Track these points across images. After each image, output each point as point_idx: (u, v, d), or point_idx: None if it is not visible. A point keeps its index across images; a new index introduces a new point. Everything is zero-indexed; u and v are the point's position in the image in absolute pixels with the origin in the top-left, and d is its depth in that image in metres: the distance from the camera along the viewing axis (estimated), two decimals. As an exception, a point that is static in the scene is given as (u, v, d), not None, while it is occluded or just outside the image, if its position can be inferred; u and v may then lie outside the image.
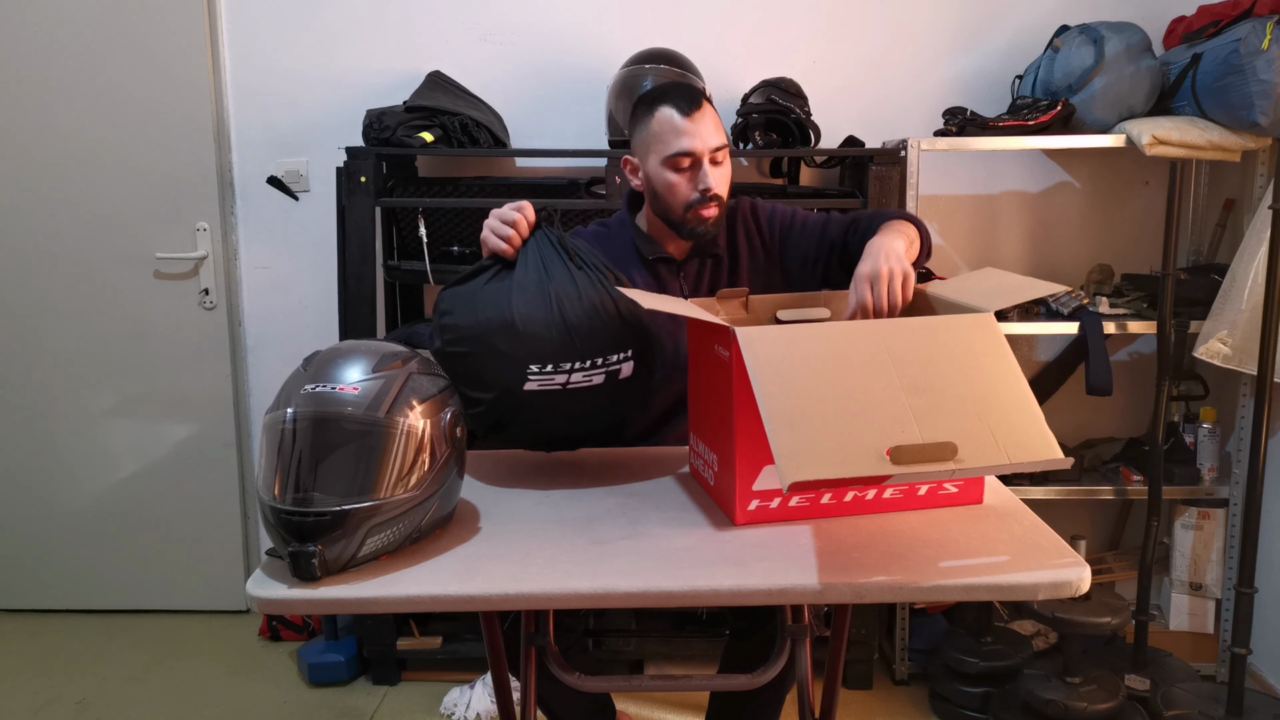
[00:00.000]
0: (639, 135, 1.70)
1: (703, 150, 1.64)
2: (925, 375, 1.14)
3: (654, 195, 1.70)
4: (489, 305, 1.38)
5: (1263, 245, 2.19)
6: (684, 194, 1.66)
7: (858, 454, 1.05)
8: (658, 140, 1.65)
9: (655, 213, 1.73)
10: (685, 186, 1.66)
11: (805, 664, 1.40)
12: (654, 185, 1.69)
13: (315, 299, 2.79)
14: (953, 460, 1.06)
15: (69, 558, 2.92)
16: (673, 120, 1.64)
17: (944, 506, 1.30)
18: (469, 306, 1.40)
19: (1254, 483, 2.23)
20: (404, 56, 2.68)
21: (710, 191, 1.65)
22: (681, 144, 1.63)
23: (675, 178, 1.65)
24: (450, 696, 2.42)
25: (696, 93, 1.67)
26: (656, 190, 1.69)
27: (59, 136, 2.73)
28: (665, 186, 1.67)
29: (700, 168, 1.64)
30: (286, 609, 1.14)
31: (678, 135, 1.63)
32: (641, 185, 1.73)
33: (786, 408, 1.08)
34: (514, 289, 1.39)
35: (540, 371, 1.36)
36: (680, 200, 1.66)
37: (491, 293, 1.40)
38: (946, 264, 2.72)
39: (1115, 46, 2.28)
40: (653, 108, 1.67)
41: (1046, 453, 1.09)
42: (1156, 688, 2.29)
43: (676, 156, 1.64)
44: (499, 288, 1.40)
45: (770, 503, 1.26)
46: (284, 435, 1.12)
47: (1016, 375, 1.17)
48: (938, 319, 1.25)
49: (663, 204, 1.69)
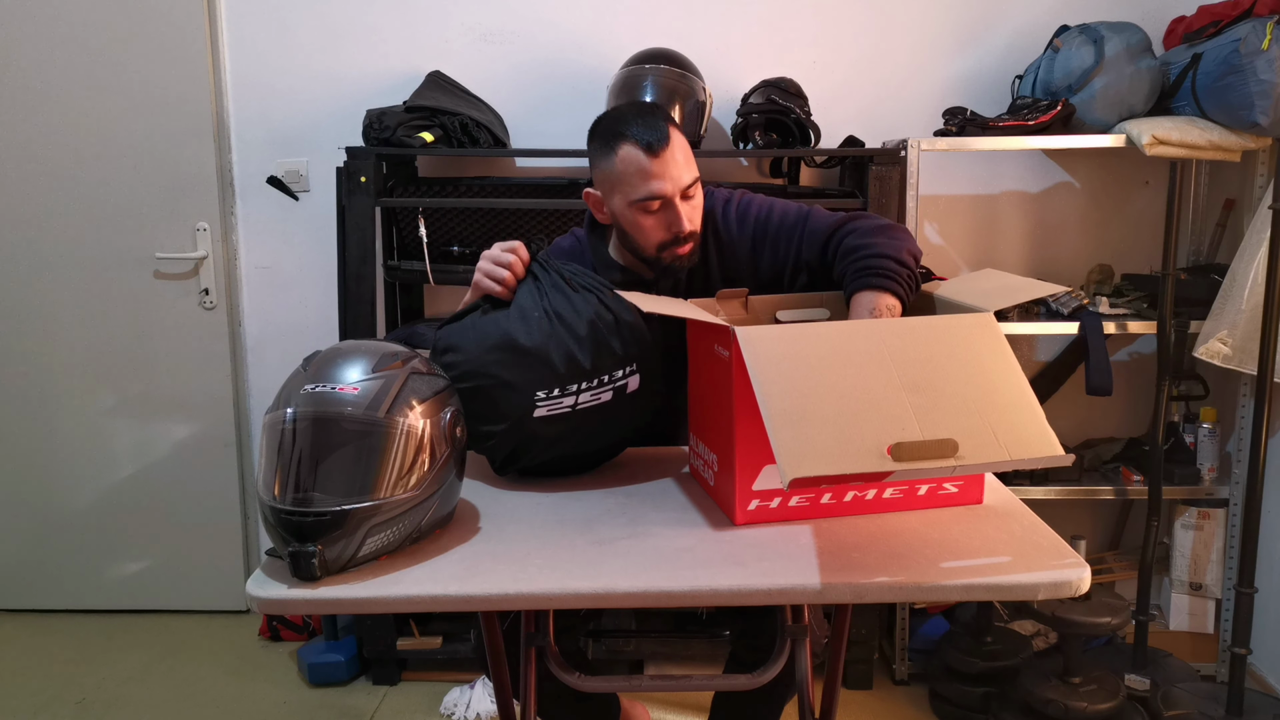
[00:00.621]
0: (601, 168, 1.55)
1: (673, 192, 1.51)
2: (925, 374, 1.14)
3: (622, 232, 1.59)
4: (489, 337, 1.38)
5: (1263, 245, 2.19)
6: (656, 236, 1.55)
7: (858, 451, 1.06)
8: (623, 181, 1.52)
9: (626, 248, 1.62)
10: (656, 229, 1.54)
11: (805, 664, 1.40)
12: (622, 224, 1.57)
13: (315, 299, 2.79)
14: (953, 457, 1.06)
15: (69, 558, 2.92)
16: (639, 161, 1.49)
17: (944, 506, 1.30)
18: (469, 341, 1.39)
19: (1254, 483, 2.23)
20: (404, 56, 2.68)
21: (684, 233, 1.53)
22: (650, 188, 1.50)
23: (645, 220, 1.53)
24: (450, 696, 2.42)
25: (661, 124, 1.51)
26: (625, 230, 1.58)
27: (59, 136, 2.73)
28: (634, 228, 1.55)
29: (672, 208, 1.52)
30: (286, 609, 1.14)
31: (645, 178, 1.50)
32: (607, 219, 1.61)
33: (787, 406, 1.09)
34: (513, 318, 1.39)
35: (548, 397, 1.36)
36: (652, 242, 1.55)
37: (490, 324, 1.40)
38: (946, 264, 2.72)
39: (1115, 46, 2.28)
40: (614, 144, 1.51)
41: (1047, 449, 1.09)
42: (1156, 688, 2.29)
43: (646, 201, 1.51)
44: (496, 318, 1.40)
45: (770, 503, 1.26)
46: (284, 435, 1.12)
47: (1017, 374, 1.17)
48: (938, 319, 1.25)
49: (633, 243, 1.58)
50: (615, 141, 1.52)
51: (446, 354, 1.41)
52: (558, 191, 2.50)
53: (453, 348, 1.40)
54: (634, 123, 1.51)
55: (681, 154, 1.52)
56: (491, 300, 1.45)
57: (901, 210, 2.35)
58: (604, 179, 1.56)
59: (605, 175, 1.55)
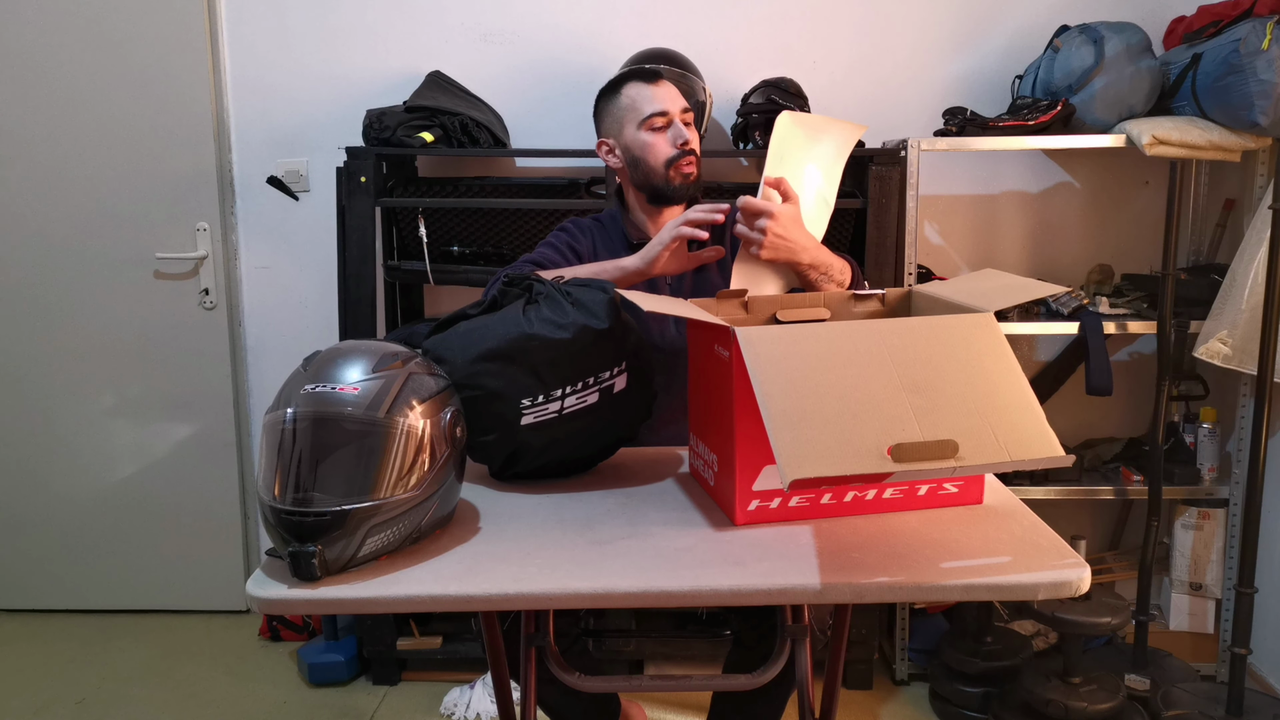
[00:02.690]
0: (610, 115, 1.81)
1: (673, 109, 1.77)
2: (926, 374, 1.14)
3: (635, 164, 1.79)
4: (472, 347, 1.37)
5: (1263, 245, 2.19)
6: (663, 151, 1.76)
7: (858, 452, 1.05)
8: (630, 109, 1.77)
9: (638, 186, 1.81)
10: (663, 144, 1.76)
11: (805, 664, 1.40)
12: (633, 152, 1.78)
13: (315, 299, 2.79)
14: (953, 458, 1.06)
15: (69, 558, 2.92)
16: (641, 89, 1.78)
17: (944, 506, 1.30)
18: (454, 352, 1.38)
19: (1254, 483, 2.23)
20: (404, 56, 2.68)
21: (687, 144, 1.76)
22: (654, 105, 1.76)
23: (652, 138, 1.76)
24: (450, 696, 2.42)
25: (656, 68, 1.83)
26: (636, 156, 1.78)
27: (59, 136, 2.73)
28: (643, 148, 1.77)
29: (674, 125, 1.77)
30: (286, 609, 1.14)
31: (649, 100, 1.77)
32: (620, 162, 1.81)
33: (787, 407, 1.08)
34: (494, 326, 1.38)
35: (534, 404, 1.36)
36: (660, 158, 1.76)
37: (473, 333, 1.39)
38: (946, 264, 2.72)
39: (1115, 46, 2.28)
40: (618, 87, 1.80)
41: (1047, 450, 1.09)
42: (1156, 688, 2.29)
43: (651, 117, 1.76)
44: (480, 326, 1.40)
45: (770, 503, 1.26)
46: (284, 435, 1.12)
47: (1017, 374, 1.17)
48: (938, 319, 1.25)
49: (644, 169, 1.78)
50: (619, 85, 1.81)
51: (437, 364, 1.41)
52: (558, 191, 2.50)
53: (439, 359, 1.40)
54: (632, 72, 1.82)
55: (675, 89, 1.80)
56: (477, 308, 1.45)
57: (901, 210, 2.35)
58: (613, 120, 1.81)
59: (614, 116, 1.81)
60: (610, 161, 1.83)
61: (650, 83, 1.78)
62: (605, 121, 1.83)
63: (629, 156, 1.79)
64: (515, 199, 2.42)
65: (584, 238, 1.83)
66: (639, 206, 1.84)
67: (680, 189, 1.78)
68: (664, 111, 1.75)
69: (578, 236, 1.83)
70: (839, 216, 2.42)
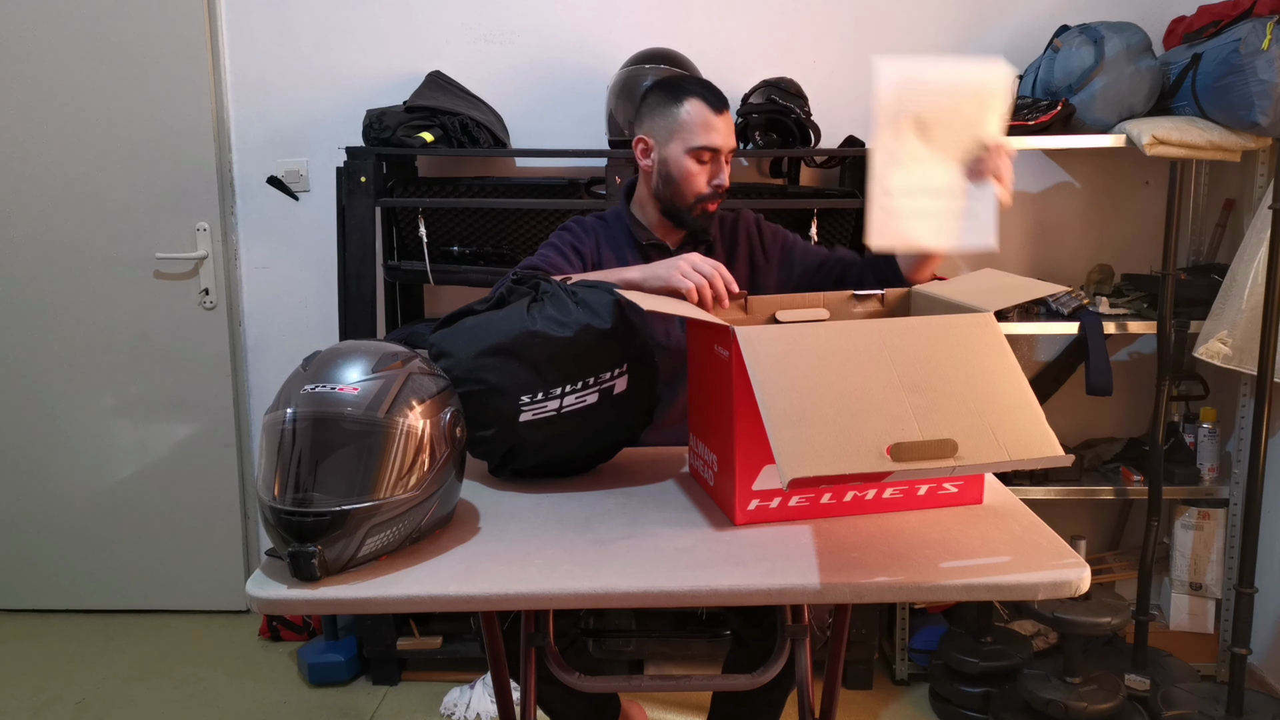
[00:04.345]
0: (661, 118, 1.74)
1: (725, 149, 1.73)
2: (925, 374, 1.14)
3: (666, 179, 1.75)
4: (477, 341, 1.38)
5: (1263, 245, 2.19)
6: (699, 185, 1.73)
7: (858, 451, 1.06)
8: (685, 129, 1.71)
9: (659, 197, 1.78)
10: (702, 179, 1.73)
11: (805, 664, 1.40)
12: (670, 170, 1.74)
13: (315, 299, 2.79)
14: (953, 457, 1.06)
15: (69, 557, 2.92)
16: (705, 114, 1.71)
17: (944, 506, 1.30)
18: (458, 346, 1.39)
19: (1254, 483, 2.23)
20: (404, 56, 2.68)
21: (722, 188, 1.74)
22: (711, 139, 1.71)
23: (696, 168, 1.72)
24: (450, 696, 2.42)
25: (723, 95, 1.75)
26: (672, 175, 1.74)
27: (59, 136, 2.73)
28: (683, 174, 1.73)
29: (719, 163, 1.73)
30: (286, 609, 1.14)
31: (708, 129, 1.70)
32: (650, 166, 1.77)
33: (786, 406, 1.09)
34: (500, 322, 1.39)
35: (532, 401, 1.36)
36: (694, 190, 1.74)
37: (479, 328, 1.40)
38: (946, 264, 2.71)
39: (1115, 46, 2.28)
40: (682, 96, 1.72)
41: (1047, 449, 1.09)
42: (1156, 688, 2.29)
43: (702, 149, 1.71)
44: (485, 322, 1.40)
45: (770, 503, 1.26)
46: (284, 435, 1.12)
47: (1017, 374, 1.17)
48: (938, 319, 1.25)
49: (673, 189, 1.75)
50: (683, 95, 1.72)
51: (439, 360, 1.41)
52: (558, 191, 2.50)
53: (443, 353, 1.40)
54: (700, 84, 1.75)
55: (731, 123, 1.76)
56: (484, 304, 1.45)
57: (901, 210, 2.34)
58: (663, 126, 1.74)
59: (665, 123, 1.73)
60: (641, 162, 1.79)
61: (715, 111, 1.71)
62: (653, 121, 1.76)
63: (663, 170, 1.75)
64: (515, 199, 2.42)
65: (588, 238, 1.82)
66: (651, 208, 1.82)
67: (697, 222, 1.77)
68: (716, 149, 1.72)
69: (581, 236, 1.82)
70: (838, 216, 2.42)
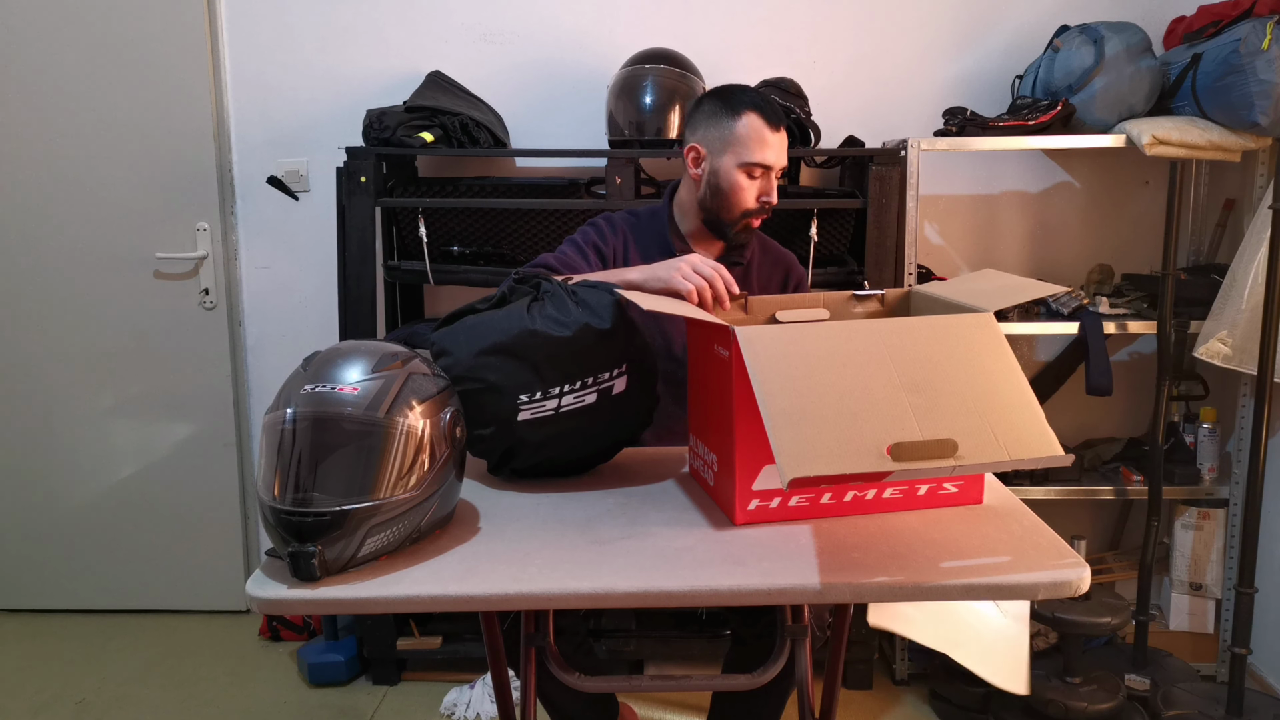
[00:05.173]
0: (714, 129, 1.74)
1: (777, 166, 1.74)
2: (925, 373, 1.14)
3: (715, 190, 1.75)
4: (477, 341, 1.38)
5: (1263, 245, 2.19)
6: (747, 201, 1.74)
7: (858, 451, 1.06)
8: (741, 143, 1.71)
9: (704, 207, 1.78)
10: (752, 194, 1.74)
11: (805, 664, 1.40)
12: (720, 182, 1.74)
13: (315, 299, 2.79)
14: (953, 457, 1.06)
15: (69, 558, 2.92)
16: (763, 130, 1.71)
17: (944, 506, 1.30)
18: (459, 345, 1.40)
19: (1254, 483, 2.23)
20: (404, 56, 2.68)
21: (770, 205, 1.75)
22: (766, 155, 1.71)
23: (746, 183, 1.73)
24: (450, 696, 2.42)
25: (781, 111, 1.76)
26: (721, 187, 1.74)
27: (59, 136, 2.73)
28: (733, 187, 1.73)
29: (769, 179, 1.74)
30: (286, 609, 1.14)
31: (763, 146, 1.71)
32: (700, 175, 1.77)
33: (786, 405, 1.09)
34: (500, 321, 1.39)
35: (531, 400, 1.36)
36: (742, 205, 1.74)
37: (479, 327, 1.40)
38: (946, 264, 2.72)
39: (1115, 46, 2.28)
40: (741, 109, 1.72)
41: (1047, 449, 1.09)
42: (1156, 688, 2.29)
43: (756, 165, 1.71)
44: (485, 321, 1.41)
45: (770, 503, 1.26)
46: (284, 435, 1.12)
47: (1016, 374, 1.17)
48: (938, 318, 1.25)
49: (721, 201, 1.75)
50: (741, 107, 1.72)
51: (439, 358, 1.41)
52: (558, 191, 2.49)
53: (444, 351, 1.41)
54: (759, 99, 1.74)
55: (785, 141, 1.76)
56: (485, 303, 1.45)
57: (901, 210, 2.35)
58: (717, 137, 1.74)
59: (719, 135, 1.73)
60: (691, 170, 1.78)
61: (772, 127, 1.71)
62: (707, 131, 1.75)
63: (713, 181, 1.75)
64: (515, 199, 2.42)
65: (613, 236, 1.81)
66: (693, 216, 1.82)
67: (740, 237, 1.79)
68: (769, 166, 1.72)
69: (606, 234, 1.81)
70: (838, 216, 2.42)
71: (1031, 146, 2.37)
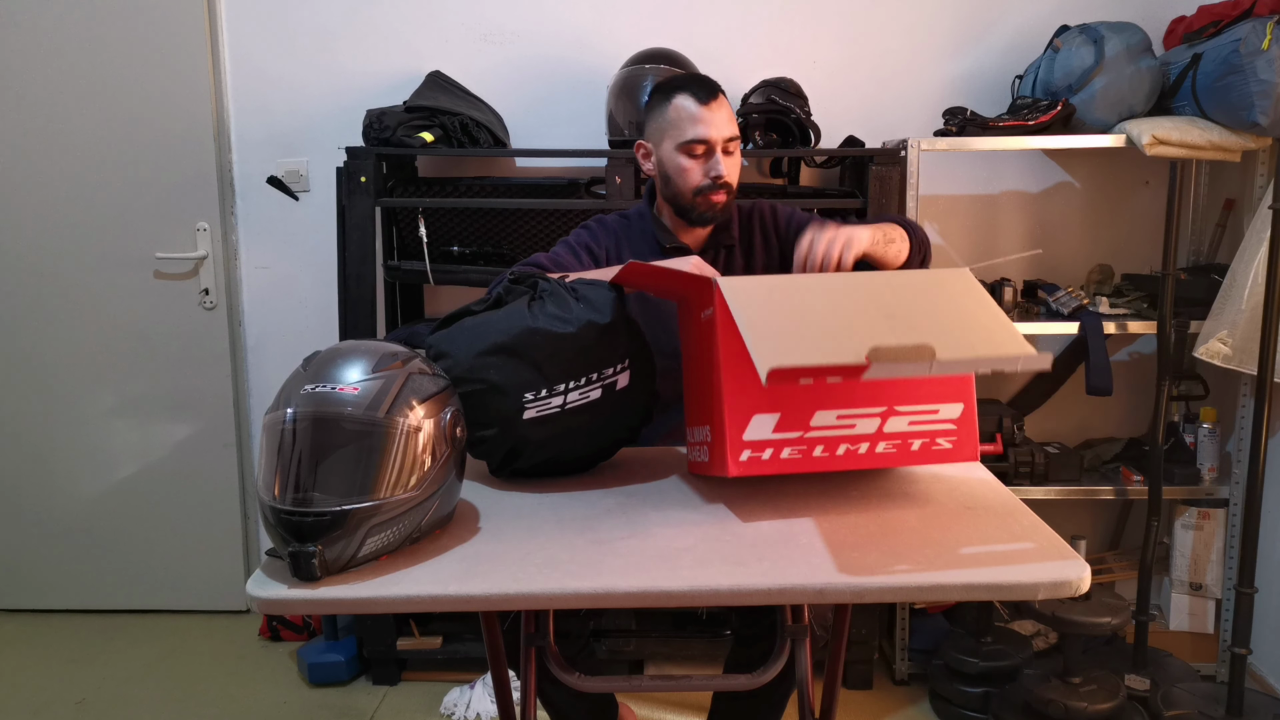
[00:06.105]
0: (654, 121, 1.75)
1: (716, 139, 1.69)
2: (904, 307, 1.20)
3: (665, 179, 1.76)
4: (478, 341, 1.38)
5: (1263, 245, 2.19)
6: (695, 179, 1.71)
7: (836, 351, 1.11)
8: (673, 126, 1.71)
9: (665, 198, 1.79)
10: (697, 172, 1.71)
11: (805, 664, 1.40)
12: (666, 169, 1.74)
13: (315, 299, 2.79)
14: (930, 360, 1.10)
15: (69, 558, 2.92)
16: (689, 108, 1.69)
17: (939, 462, 1.32)
18: (458, 347, 1.39)
19: (1254, 483, 2.23)
20: (404, 56, 2.68)
21: (720, 179, 1.71)
22: (697, 131, 1.69)
23: (688, 163, 1.71)
24: (450, 696, 2.42)
25: (714, 84, 1.73)
26: (668, 174, 1.74)
27: (59, 136, 2.73)
28: (677, 170, 1.72)
29: (713, 156, 1.70)
30: (286, 609, 1.13)
31: (694, 122, 1.69)
32: (653, 170, 1.79)
33: (767, 325, 1.14)
34: (500, 321, 1.39)
35: (536, 398, 1.36)
36: (690, 185, 1.72)
37: (479, 328, 1.40)
38: (946, 264, 2.72)
39: (1115, 46, 2.28)
40: (670, 95, 1.72)
41: (1020, 348, 1.15)
42: (1156, 688, 2.29)
43: (691, 143, 1.69)
44: (485, 322, 1.40)
45: (762, 454, 1.26)
46: (284, 435, 1.12)
47: (991, 306, 1.23)
48: (915, 272, 1.32)
49: (673, 188, 1.74)
50: (671, 94, 1.72)
51: (438, 361, 1.41)
52: (558, 191, 2.49)
53: (443, 354, 1.40)
54: (690, 81, 1.74)
55: (727, 113, 1.72)
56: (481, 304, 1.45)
57: (901, 210, 2.35)
58: (656, 128, 1.74)
59: (658, 125, 1.74)
60: (645, 167, 1.80)
61: (701, 102, 1.68)
62: (649, 125, 1.77)
63: (661, 170, 1.76)
64: (515, 199, 2.42)
65: (606, 238, 1.81)
66: (667, 214, 1.81)
67: (705, 216, 1.75)
68: (704, 139, 1.69)
69: (599, 236, 1.81)
70: (839, 216, 2.42)
71: (1031, 146, 2.37)
